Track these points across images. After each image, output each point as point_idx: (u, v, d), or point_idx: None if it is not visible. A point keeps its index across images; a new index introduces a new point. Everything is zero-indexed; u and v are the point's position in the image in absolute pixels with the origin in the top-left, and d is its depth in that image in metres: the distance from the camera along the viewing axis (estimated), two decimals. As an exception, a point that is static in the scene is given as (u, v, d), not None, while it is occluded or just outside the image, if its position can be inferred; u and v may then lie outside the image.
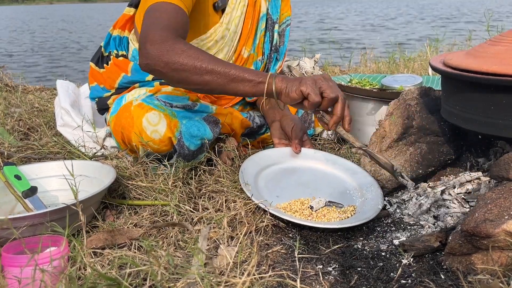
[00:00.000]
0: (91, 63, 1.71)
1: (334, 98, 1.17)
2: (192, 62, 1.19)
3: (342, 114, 1.19)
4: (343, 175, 1.38)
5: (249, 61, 1.67)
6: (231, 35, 1.56)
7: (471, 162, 1.32)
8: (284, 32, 1.75)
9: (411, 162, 1.28)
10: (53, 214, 1.05)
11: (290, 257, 1.01)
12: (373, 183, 1.29)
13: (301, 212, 1.19)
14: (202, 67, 1.19)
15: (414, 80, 1.74)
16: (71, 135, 1.68)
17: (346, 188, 1.33)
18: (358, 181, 1.33)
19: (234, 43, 1.60)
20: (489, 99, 1.05)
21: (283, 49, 1.76)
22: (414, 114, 1.32)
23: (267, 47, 1.71)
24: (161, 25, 1.23)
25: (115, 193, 1.33)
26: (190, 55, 1.19)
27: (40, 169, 1.38)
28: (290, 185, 1.33)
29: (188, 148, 1.39)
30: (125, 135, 1.43)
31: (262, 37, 1.70)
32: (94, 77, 1.69)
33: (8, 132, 1.92)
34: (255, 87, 1.21)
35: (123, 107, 1.45)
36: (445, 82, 1.21)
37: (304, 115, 1.80)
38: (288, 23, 1.75)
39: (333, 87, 1.18)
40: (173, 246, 1.05)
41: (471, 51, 1.17)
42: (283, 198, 1.26)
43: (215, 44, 1.55)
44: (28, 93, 2.84)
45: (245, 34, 1.62)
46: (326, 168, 1.42)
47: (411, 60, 3.10)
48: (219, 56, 1.56)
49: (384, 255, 1.02)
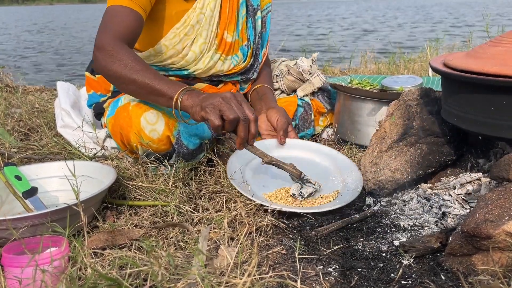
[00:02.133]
0: (86, 72, 1.75)
1: (233, 120, 1.15)
2: (122, 71, 1.27)
3: (245, 135, 1.18)
4: (326, 162, 1.47)
5: (235, 46, 1.68)
6: (207, 19, 1.57)
7: (472, 163, 1.32)
8: (266, 18, 1.77)
9: (411, 163, 1.28)
10: (53, 214, 1.05)
11: (290, 258, 1.01)
12: (353, 168, 1.38)
13: (285, 200, 1.26)
14: (127, 77, 1.27)
15: (414, 81, 1.74)
16: (72, 136, 1.69)
17: (329, 174, 1.41)
18: (339, 167, 1.42)
19: (213, 28, 1.60)
20: (489, 100, 1.05)
21: (266, 35, 1.78)
22: (414, 115, 1.32)
23: (251, 32, 1.73)
24: (110, 31, 1.32)
25: (116, 194, 1.33)
26: (123, 65, 1.27)
27: (40, 169, 1.38)
28: (276, 175, 1.37)
29: (187, 147, 1.40)
30: (124, 135, 1.44)
31: (245, 23, 1.71)
32: (90, 85, 1.73)
33: (8, 133, 1.92)
34: (168, 101, 1.25)
35: (121, 108, 1.46)
36: (445, 83, 1.21)
37: (303, 114, 1.80)
38: (269, 10, 1.78)
39: (232, 108, 1.15)
40: (173, 247, 1.05)
41: (472, 52, 1.17)
42: (270, 187, 1.33)
43: (192, 29, 1.55)
44: (29, 93, 2.84)
45: (224, 19, 1.63)
46: (310, 156, 1.49)
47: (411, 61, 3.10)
48: (199, 41, 1.57)
49: (384, 255, 1.02)
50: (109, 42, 1.29)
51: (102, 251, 1.02)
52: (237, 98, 1.19)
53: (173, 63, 1.58)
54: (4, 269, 0.87)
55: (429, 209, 1.18)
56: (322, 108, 1.86)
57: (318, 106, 1.86)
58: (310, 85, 1.87)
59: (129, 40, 1.35)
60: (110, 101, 1.64)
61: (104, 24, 1.36)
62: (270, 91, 1.71)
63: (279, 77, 1.93)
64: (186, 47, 1.56)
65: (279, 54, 3.73)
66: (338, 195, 1.31)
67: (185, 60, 1.58)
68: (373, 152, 1.36)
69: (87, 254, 0.90)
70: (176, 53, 1.56)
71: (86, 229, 1.13)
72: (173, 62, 1.58)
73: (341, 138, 1.80)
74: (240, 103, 1.19)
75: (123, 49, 1.29)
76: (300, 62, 1.96)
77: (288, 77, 1.89)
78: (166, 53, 1.55)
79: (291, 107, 1.79)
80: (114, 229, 1.10)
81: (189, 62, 1.58)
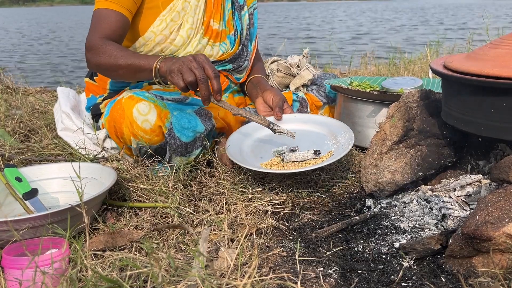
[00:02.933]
0: (86, 78, 1.80)
1: (191, 82, 1.25)
2: (108, 61, 1.40)
3: (205, 93, 1.27)
4: (320, 129, 1.57)
5: (223, 35, 1.75)
6: (192, 7, 1.64)
7: (472, 165, 1.32)
8: (253, 15, 1.86)
9: (411, 164, 1.28)
10: (54, 216, 1.05)
11: (290, 260, 1.01)
12: (345, 129, 1.49)
13: (278, 165, 1.37)
14: (113, 64, 1.40)
15: (415, 83, 1.74)
16: (72, 139, 1.69)
17: (324, 139, 1.52)
18: (333, 131, 1.53)
19: (199, 16, 1.67)
20: (489, 102, 1.05)
21: (254, 30, 1.87)
22: (414, 116, 1.32)
23: (238, 24, 1.81)
24: (97, 33, 1.45)
25: (116, 195, 1.33)
26: (108, 56, 1.40)
27: (40, 171, 1.38)
28: (273, 146, 1.48)
29: (179, 139, 1.41)
30: (117, 127, 1.45)
31: (231, 15, 1.79)
32: (89, 90, 1.78)
33: (8, 134, 1.92)
34: (150, 74, 1.36)
35: (115, 103, 1.50)
36: (446, 85, 1.21)
37: (299, 108, 1.84)
38: (255, 7, 1.88)
39: (190, 70, 1.25)
40: (173, 248, 1.05)
41: (472, 54, 1.17)
42: (266, 158, 1.44)
43: (177, 15, 1.61)
44: (29, 95, 2.84)
45: (210, 8, 1.70)
46: (305, 127, 1.59)
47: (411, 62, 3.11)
48: (186, 27, 1.64)
49: (384, 257, 1.02)
50: (95, 42, 1.43)
51: (103, 252, 1.02)
52: (197, 59, 1.27)
53: (162, 51, 1.61)
54: (5, 270, 0.87)
55: (429, 211, 1.18)
56: (318, 101, 1.88)
57: (314, 100, 1.87)
58: (300, 78, 1.89)
59: (115, 40, 1.47)
60: (107, 101, 1.66)
61: (92, 27, 1.48)
62: (263, 79, 1.82)
63: (269, 76, 1.95)
64: (174, 32, 1.61)
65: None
66: (331, 155, 1.40)
67: (173, 45, 1.61)
68: (373, 154, 1.36)
69: (87, 256, 0.90)
70: (164, 39, 1.60)
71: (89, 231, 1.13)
72: (162, 49, 1.61)
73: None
74: (200, 64, 1.26)
75: (107, 44, 1.42)
76: (290, 58, 1.99)
77: (278, 73, 1.94)
78: (154, 40, 1.59)
79: None
80: (114, 231, 1.10)
81: (178, 46, 1.62)
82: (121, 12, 1.48)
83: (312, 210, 1.28)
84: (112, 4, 1.47)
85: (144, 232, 1.12)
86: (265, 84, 1.77)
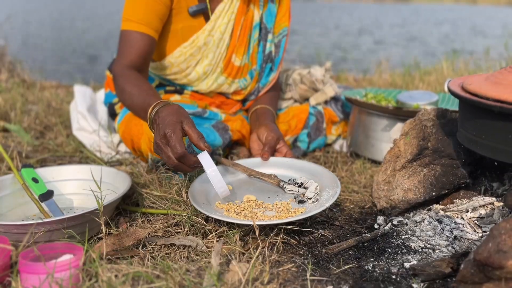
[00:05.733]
0: (107, 71, 1.78)
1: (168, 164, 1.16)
2: (125, 101, 1.42)
3: (185, 169, 1.17)
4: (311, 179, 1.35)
5: (244, 70, 1.68)
6: (215, 41, 1.58)
7: (485, 186, 1.31)
8: (280, 43, 1.73)
9: (424, 183, 1.28)
10: (70, 220, 1.07)
11: (300, 276, 1.02)
12: (334, 183, 1.29)
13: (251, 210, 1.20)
14: (125, 103, 1.42)
15: (430, 98, 1.73)
16: (87, 139, 1.71)
17: None
18: (321, 184, 1.32)
19: (221, 50, 1.61)
20: (507, 128, 1.05)
21: (278, 60, 1.74)
22: (429, 135, 1.32)
23: (260, 56, 1.71)
24: (124, 59, 1.44)
25: (129, 200, 1.34)
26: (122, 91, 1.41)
27: (56, 172, 1.40)
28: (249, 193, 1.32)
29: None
30: (135, 142, 1.46)
31: (256, 46, 1.69)
32: (108, 84, 1.78)
33: (24, 131, 1.94)
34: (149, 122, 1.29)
35: (132, 115, 1.49)
36: (463, 107, 1.20)
37: (315, 122, 1.81)
38: (285, 34, 1.73)
39: (164, 153, 1.15)
40: (185, 259, 1.06)
41: (491, 77, 1.16)
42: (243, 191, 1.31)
43: (198, 50, 1.57)
44: (45, 89, 2.87)
45: (234, 41, 1.62)
46: (290, 174, 1.41)
47: (426, 73, 3.09)
48: (204, 63, 1.58)
49: (394, 278, 1.03)
50: (120, 72, 1.42)
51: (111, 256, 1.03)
52: (167, 136, 1.14)
53: (176, 79, 1.61)
54: (22, 276, 0.88)
55: (441, 232, 1.18)
56: (335, 117, 1.87)
57: (331, 115, 1.86)
58: (323, 94, 1.88)
59: (141, 65, 1.46)
60: (122, 104, 1.66)
61: (119, 51, 1.46)
62: (269, 111, 1.66)
63: (291, 86, 1.93)
64: (190, 67, 1.58)
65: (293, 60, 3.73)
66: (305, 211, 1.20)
67: (187, 79, 1.61)
68: (387, 170, 1.36)
69: (104, 268, 0.91)
70: (179, 71, 1.59)
71: (99, 236, 1.15)
72: (176, 78, 1.61)
73: (354, 152, 1.80)
74: (168, 142, 1.14)
75: (131, 77, 1.41)
76: (313, 71, 1.96)
77: (301, 86, 1.90)
78: (170, 69, 1.59)
79: (302, 115, 1.80)
80: (119, 232, 1.11)
81: (192, 81, 1.61)
82: (149, 34, 1.45)
83: (323, 224, 1.28)
84: (141, 26, 1.43)
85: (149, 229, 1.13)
86: (266, 118, 1.61)
